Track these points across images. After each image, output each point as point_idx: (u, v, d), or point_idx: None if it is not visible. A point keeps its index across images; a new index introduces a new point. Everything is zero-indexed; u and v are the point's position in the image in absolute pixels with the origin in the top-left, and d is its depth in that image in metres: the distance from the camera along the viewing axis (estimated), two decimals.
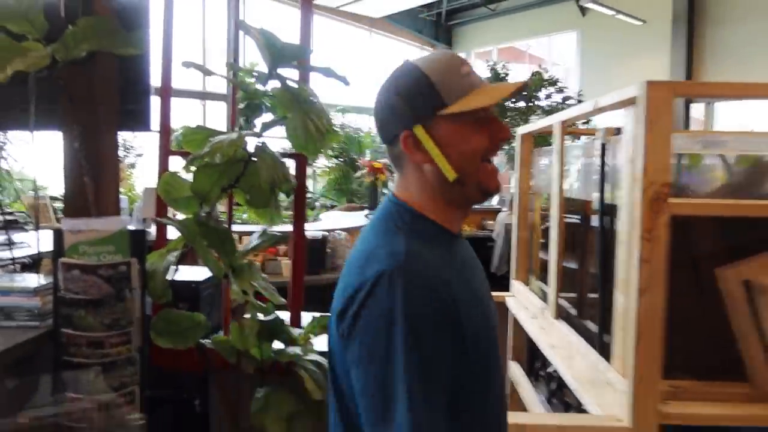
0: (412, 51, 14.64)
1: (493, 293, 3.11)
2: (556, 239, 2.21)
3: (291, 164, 1.98)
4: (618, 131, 1.86)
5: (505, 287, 3.11)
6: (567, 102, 10.33)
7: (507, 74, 10.24)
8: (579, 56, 13.10)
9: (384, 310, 0.90)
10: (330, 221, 4.95)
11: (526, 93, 10.21)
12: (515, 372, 2.88)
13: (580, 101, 10.33)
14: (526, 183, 2.96)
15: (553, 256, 2.24)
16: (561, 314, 2.29)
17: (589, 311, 2.18)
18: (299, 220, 1.99)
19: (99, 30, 1.76)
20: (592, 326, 2.06)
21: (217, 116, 9.88)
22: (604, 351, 1.80)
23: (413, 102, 1.00)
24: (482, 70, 11.05)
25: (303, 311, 2.05)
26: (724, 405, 1.57)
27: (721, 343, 1.70)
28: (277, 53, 1.78)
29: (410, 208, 1.03)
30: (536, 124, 2.71)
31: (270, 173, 1.68)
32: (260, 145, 1.68)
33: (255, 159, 1.70)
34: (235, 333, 1.57)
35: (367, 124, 11.79)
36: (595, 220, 2.05)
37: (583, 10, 12.14)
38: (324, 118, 1.84)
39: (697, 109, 11.57)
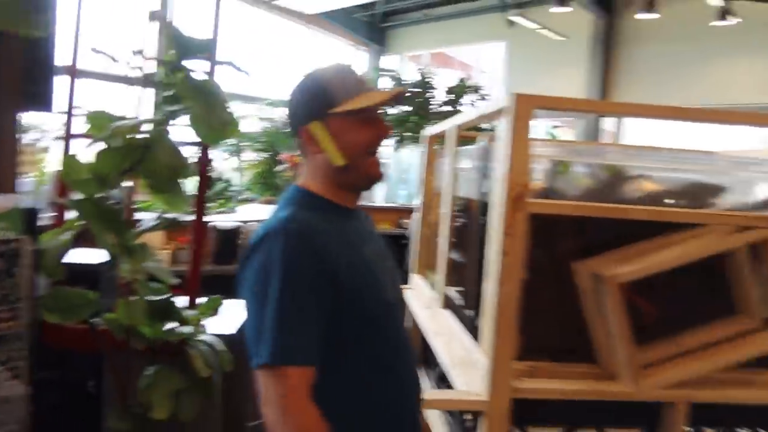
0: (347, 49, 14.75)
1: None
2: (444, 235, 2.39)
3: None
4: None
5: None
6: None
7: (432, 78, 10.51)
8: (506, 66, 13.62)
9: (264, 260, 1.14)
10: (246, 213, 4.99)
11: (454, 98, 10.57)
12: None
13: None
14: (430, 182, 3.14)
15: (441, 250, 2.42)
16: (449, 304, 2.47)
17: (471, 301, 2.37)
18: (200, 208, 2.07)
19: (2, 10, 1.78)
20: (472, 314, 2.24)
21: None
22: (477, 336, 1.98)
23: (310, 102, 1.26)
24: (412, 73, 11.32)
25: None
26: (572, 382, 1.78)
27: (577, 328, 1.92)
28: (182, 46, 1.86)
29: (306, 190, 1.29)
30: (437, 127, 2.89)
31: (169, 159, 1.76)
32: (159, 131, 1.75)
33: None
34: (122, 310, 1.64)
35: None
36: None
37: (511, 23, 12.63)
38: (227, 110, 1.93)
39: (611, 123, 12.31)
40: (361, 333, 1.22)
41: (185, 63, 1.94)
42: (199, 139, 1.91)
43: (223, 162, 10.65)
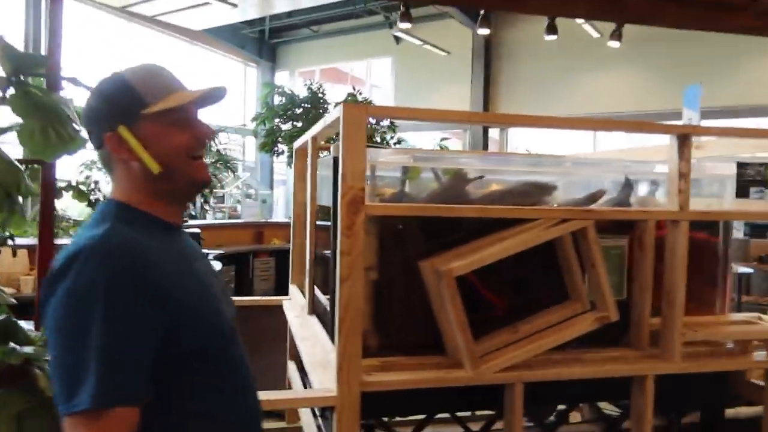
0: (236, 66, 14.59)
1: (276, 297, 3.30)
2: (308, 244, 2.46)
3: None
4: None
5: None
6: (380, 123, 11.02)
7: (324, 93, 10.63)
8: (394, 80, 14.02)
9: (77, 286, 0.98)
10: None
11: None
12: (291, 369, 3.08)
13: (392, 123, 11.08)
14: (301, 193, 3.20)
15: (307, 258, 2.48)
16: (317, 310, 2.54)
17: (332, 304, 2.45)
18: (45, 228, 2.01)
19: None
20: (330, 316, 2.33)
21: None
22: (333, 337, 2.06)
23: (116, 105, 1.12)
24: (301, 89, 11.38)
25: None
26: (420, 372, 1.90)
27: (429, 324, 2.04)
28: (14, 62, 1.81)
29: (120, 203, 1.14)
30: (301, 139, 2.97)
31: (2, 176, 1.71)
32: None
33: None
34: None
35: None
36: None
37: (397, 39, 13.03)
38: (69, 126, 1.89)
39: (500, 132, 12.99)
40: (201, 357, 1.09)
41: (30, 79, 1.90)
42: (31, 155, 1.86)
43: (108, 185, 10.20)
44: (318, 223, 2.54)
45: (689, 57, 10.25)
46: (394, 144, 11.05)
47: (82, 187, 6.62)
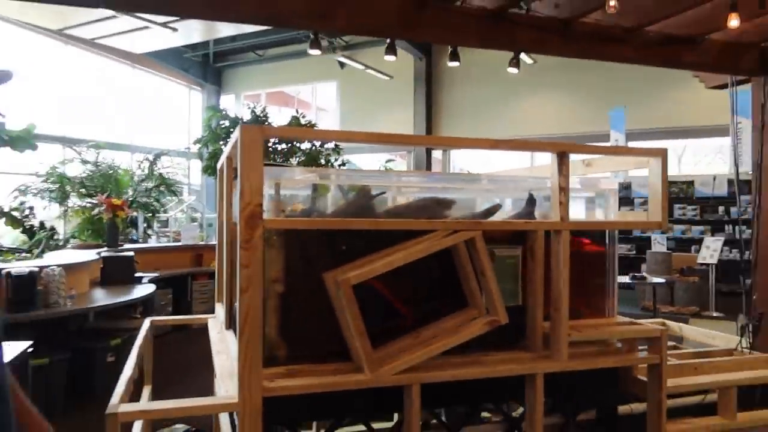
0: (179, 89, 14.52)
1: (203, 316, 3.33)
2: (224, 260, 2.55)
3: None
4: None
5: None
6: (325, 146, 11.17)
7: (267, 117, 10.73)
8: (339, 104, 14.23)
9: None
10: (53, 258, 4.76)
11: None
12: (215, 384, 3.13)
13: (337, 146, 11.25)
14: (226, 213, 3.28)
15: (222, 275, 2.57)
16: (232, 325, 2.61)
17: None
18: None
19: None
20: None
21: None
22: None
23: None
24: (245, 113, 11.44)
25: None
26: (323, 377, 2.00)
27: (335, 332, 2.15)
28: None
29: None
30: (220, 160, 3.06)
31: None
32: None
33: None
34: None
35: (126, 161, 11.35)
36: None
37: (341, 64, 13.28)
38: None
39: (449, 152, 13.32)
40: None
41: None
42: None
43: (44, 210, 9.97)
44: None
45: (615, 83, 10.83)
46: (339, 165, 11.24)
47: (15, 214, 6.56)
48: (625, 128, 10.05)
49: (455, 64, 9.00)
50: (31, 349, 2.54)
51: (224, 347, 2.50)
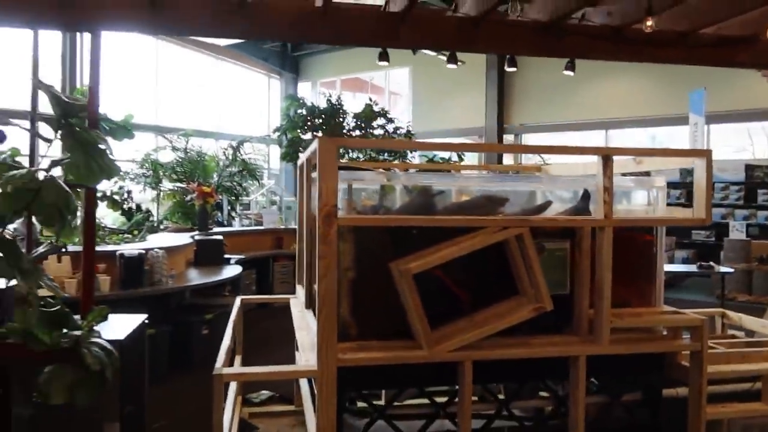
0: (259, 78, 15.22)
1: (286, 296, 3.80)
2: (303, 247, 2.93)
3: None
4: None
5: None
6: (397, 131, 11.48)
7: (341, 104, 11.14)
8: (411, 89, 14.46)
9: None
10: (154, 241, 5.36)
11: (363, 123, 11.23)
12: (297, 357, 3.55)
13: (409, 131, 11.53)
14: (303, 202, 3.66)
15: (302, 260, 2.95)
16: (311, 305, 3.00)
17: None
18: (89, 238, 2.52)
19: None
20: None
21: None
22: None
23: None
24: (321, 101, 11.91)
25: None
26: (386, 352, 2.34)
27: (400, 314, 2.47)
28: (62, 108, 2.33)
29: None
30: (301, 158, 3.43)
31: (55, 199, 2.21)
32: (48, 177, 2.21)
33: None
34: (18, 318, 2.07)
35: (212, 148, 12.11)
36: None
37: (414, 50, 13.47)
38: (106, 157, 2.40)
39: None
40: None
41: (71, 120, 2.41)
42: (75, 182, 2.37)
43: (140, 194, 10.88)
44: None
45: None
46: (412, 153, 11.56)
47: (116, 197, 7.31)
48: (705, 110, 9.71)
49: (513, 69, 9.08)
50: (147, 321, 3.02)
51: (304, 324, 2.89)
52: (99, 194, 2.92)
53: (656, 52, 2.91)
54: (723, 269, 7.47)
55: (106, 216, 9.65)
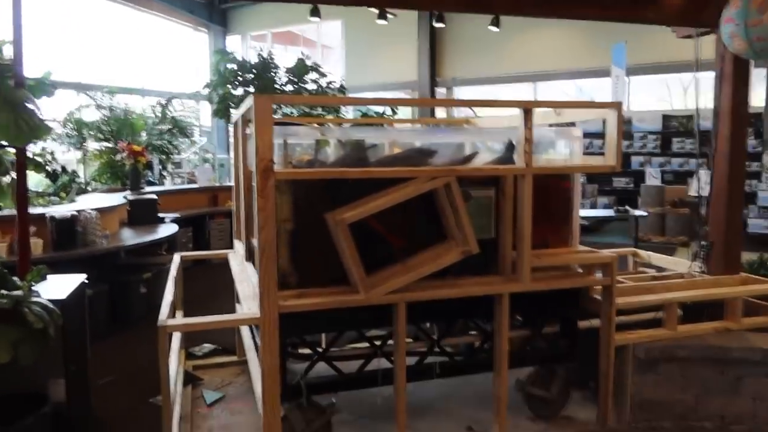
0: (185, 31, 14.64)
1: (223, 251, 3.87)
2: (240, 203, 2.99)
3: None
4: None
5: None
6: (330, 86, 11.40)
7: (273, 59, 10.92)
8: (344, 42, 14.31)
9: None
10: (85, 203, 5.25)
11: (296, 77, 11.07)
12: (238, 308, 3.65)
13: (342, 86, 11.48)
14: (239, 159, 3.70)
15: (239, 215, 3.02)
16: (251, 257, 3.09)
17: None
18: (21, 201, 2.50)
19: None
20: None
21: None
22: None
23: None
24: (251, 55, 11.63)
25: None
26: (325, 297, 2.48)
27: (338, 261, 2.60)
28: None
29: None
30: (237, 111, 3.45)
31: None
32: None
33: None
34: None
35: (139, 105, 11.68)
36: None
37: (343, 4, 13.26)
38: (36, 117, 2.38)
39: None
40: None
41: None
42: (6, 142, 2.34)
43: (64, 155, 10.43)
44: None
45: None
46: (346, 107, 11.55)
47: (38, 159, 7.05)
48: (626, 63, 10.14)
49: (441, 25, 9.16)
50: (87, 281, 3.04)
51: (245, 276, 2.99)
52: None
53: (573, 10, 3.09)
54: (637, 213, 8.01)
55: (28, 179, 9.26)
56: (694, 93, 4.07)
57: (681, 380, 3.04)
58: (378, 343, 2.86)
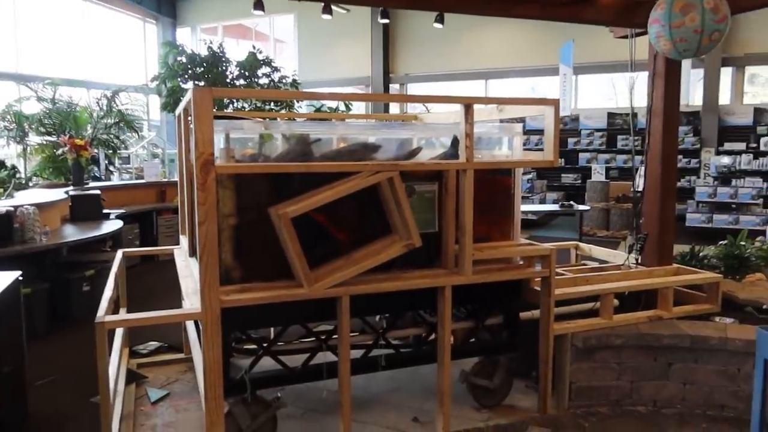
0: (133, 22, 14.26)
1: (168, 247, 3.81)
2: (184, 197, 2.95)
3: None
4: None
5: None
6: (283, 80, 11.30)
7: (224, 52, 10.75)
8: (297, 36, 14.21)
9: None
10: (24, 198, 5.07)
11: (247, 71, 10.91)
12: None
13: (295, 81, 11.39)
14: (183, 153, 3.64)
15: (184, 210, 2.98)
16: (194, 252, 3.05)
17: None
18: None
19: None
20: None
21: None
22: None
23: None
24: (201, 48, 11.41)
25: None
26: (269, 292, 2.47)
27: (282, 256, 2.60)
28: None
29: None
30: (178, 108, 3.40)
31: None
32: None
33: None
34: None
35: (84, 98, 11.32)
36: None
37: None
38: None
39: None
40: None
41: None
42: None
43: (2, 149, 10.02)
44: None
45: None
46: (299, 103, 11.46)
47: None
48: (573, 62, 10.42)
49: (385, 21, 9.20)
50: (21, 278, 2.94)
51: (189, 272, 2.96)
52: None
53: (512, 9, 3.17)
54: (581, 207, 8.26)
55: None
56: (631, 92, 4.22)
57: (616, 367, 3.17)
58: (323, 337, 2.87)
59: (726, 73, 11.32)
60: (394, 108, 13.19)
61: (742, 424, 2.94)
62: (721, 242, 4.48)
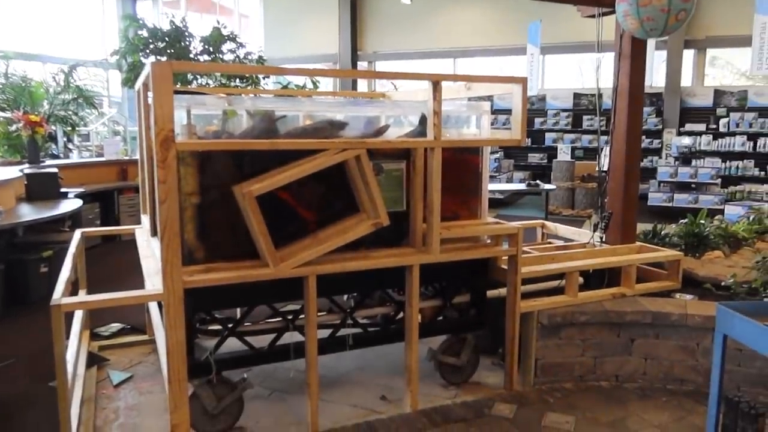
0: None
1: (129, 227, 3.70)
2: (145, 175, 2.86)
3: None
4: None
5: None
6: (248, 57, 11.04)
7: (187, 27, 10.44)
8: (262, 11, 13.90)
9: None
10: None
11: (211, 47, 10.63)
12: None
13: (261, 57, 11.15)
14: (145, 129, 3.52)
15: (145, 188, 2.89)
16: (156, 232, 2.97)
17: None
18: None
19: None
20: None
21: None
22: None
23: None
24: (164, 22, 11.05)
25: None
26: (233, 271, 2.42)
27: (247, 235, 2.54)
28: None
29: None
30: (137, 83, 3.28)
31: None
32: None
33: None
34: None
35: (39, 73, 10.91)
36: None
37: None
38: None
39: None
40: None
41: None
42: None
43: None
44: None
45: None
46: (265, 80, 11.22)
47: None
48: (541, 42, 10.45)
49: None
50: None
51: (151, 252, 2.88)
52: None
53: None
54: (547, 187, 8.35)
55: None
56: (597, 72, 4.24)
57: (581, 343, 3.22)
58: (290, 317, 2.83)
59: (688, 56, 11.52)
60: (362, 86, 13.07)
61: (700, 397, 3.02)
62: (681, 221, 4.59)
